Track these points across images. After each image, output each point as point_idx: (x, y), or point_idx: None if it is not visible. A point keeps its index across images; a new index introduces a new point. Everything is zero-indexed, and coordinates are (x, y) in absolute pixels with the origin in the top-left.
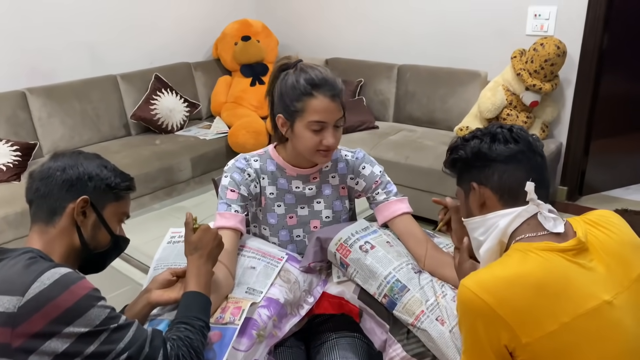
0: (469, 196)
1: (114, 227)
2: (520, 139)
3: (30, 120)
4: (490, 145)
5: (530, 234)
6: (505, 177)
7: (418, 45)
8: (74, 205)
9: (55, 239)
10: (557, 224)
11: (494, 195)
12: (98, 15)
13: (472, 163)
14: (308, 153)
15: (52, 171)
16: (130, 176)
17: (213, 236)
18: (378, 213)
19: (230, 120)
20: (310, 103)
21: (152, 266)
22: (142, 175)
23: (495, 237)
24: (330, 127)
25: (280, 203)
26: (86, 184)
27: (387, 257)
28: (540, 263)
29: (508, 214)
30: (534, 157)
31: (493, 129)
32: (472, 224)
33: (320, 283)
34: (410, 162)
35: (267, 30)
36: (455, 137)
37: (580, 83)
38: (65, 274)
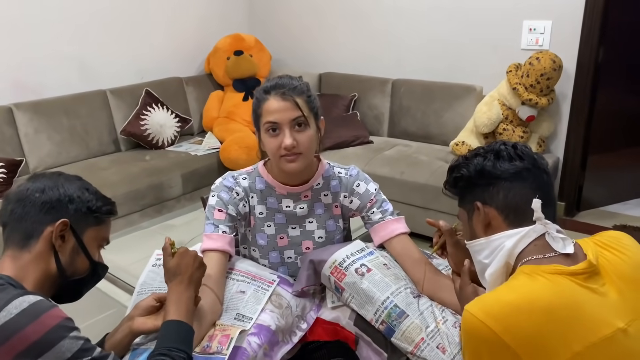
0: (472, 217)
1: (93, 252)
2: (525, 156)
3: (17, 136)
4: (494, 163)
5: (537, 255)
6: (510, 195)
7: (412, 59)
8: (52, 228)
9: (29, 265)
10: (566, 245)
11: (499, 215)
12: (87, 29)
13: (476, 182)
14: (275, 161)
15: (30, 192)
16: (111, 200)
17: (192, 259)
18: (374, 233)
19: (222, 136)
20: (264, 106)
21: (136, 291)
22: (132, 192)
23: (501, 259)
24: (287, 128)
25: (270, 223)
26: (66, 206)
27: (384, 281)
28: (549, 287)
29: (514, 235)
30: (539, 174)
31: (496, 146)
32: (476, 247)
33: (314, 308)
34: (405, 177)
35: (260, 45)
36: (456, 156)
37: (577, 97)
38: (35, 302)
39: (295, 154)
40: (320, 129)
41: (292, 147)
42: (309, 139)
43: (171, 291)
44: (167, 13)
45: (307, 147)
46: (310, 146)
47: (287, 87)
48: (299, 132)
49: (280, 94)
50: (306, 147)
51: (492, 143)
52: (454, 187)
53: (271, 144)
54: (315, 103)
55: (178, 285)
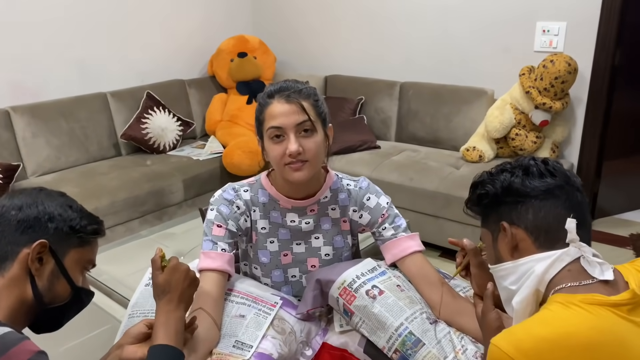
0: (497, 239)
1: (75, 277)
2: (557, 173)
3: (14, 140)
4: (523, 180)
5: (572, 282)
6: (541, 215)
7: (421, 61)
8: (29, 250)
9: (1, 291)
10: (604, 271)
11: (529, 237)
12: (87, 30)
13: (502, 199)
14: (279, 170)
15: (6, 210)
16: (99, 219)
17: (183, 275)
18: (385, 251)
19: (225, 140)
20: (267, 111)
21: (127, 313)
22: (132, 198)
23: (530, 286)
24: (292, 133)
25: (273, 239)
26: (46, 225)
27: (398, 305)
28: (589, 320)
29: (545, 258)
30: (573, 192)
31: (525, 162)
32: (501, 271)
33: (320, 332)
34: (414, 184)
35: (265, 47)
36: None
37: (592, 101)
38: (2, 335)
39: (300, 161)
40: (328, 136)
41: (297, 153)
42: (316, 146)
43: (159, 311)
44: (169, 14)
45: (314, 154)
46: (318, 154)
47: (292, 90)
48: (305, 137)
49: (284, 97)
50: (313, 155)
51: (520, 158)
52: (477, 206)
53: (274, 151)
54: (323, 108)
55: (167, 304)
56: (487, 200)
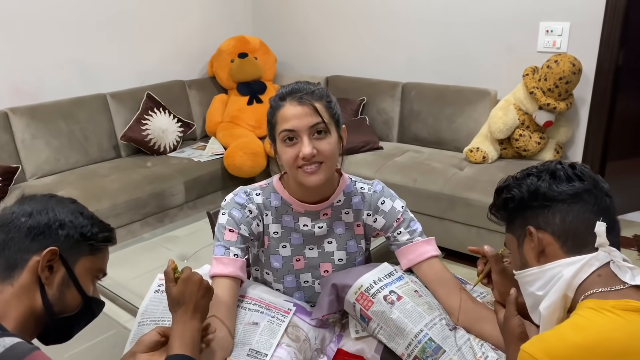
0: (523, 244)
1: (86, 286)
2: (585, 177)
3: (13, 142)
4: (550, 184)
5: (603, 288)
6: (569, 219)
7: (423, 62)
8: (39, 257)
9: (11, 300)
10: (635, 275)
11: (556, 242)
12: (87, 30)
13: (529, 204)
14: (292, 174)
15: (16, 216)
16: (109, 226)
17: (197, 285)
18: (401, 256)
19: (226, 141)
20: (280, 114)
21: (137, 320)
22: (133, 200)
23: (558, 290)
24: (305, 135)
25: (285, 244)
26: (56, 232)
27: (416, 311)
28: (623, 326)
29: (574, 263)
30: (601, 197)
31: (552, 166)
32: (527, 277)
33: (334, 339)
34: (418, 185)
35: (265, 47)
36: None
37: (596, 102)
38: (13, 345)
39: (315, 163)
40: (342, 138)
41: (311, 156)
42: (330, 148)
43: (175, 322)
44: (169, 14)
45: (328, 155)
46: (332, 156)
47: (305, 92)
48: (319, 139)
49: (297, 98)
50: (327, 156)
51: (547, 162)
52: (503, 210)
53: (287, 154)
54: (336, 109)
55: (182, 315)
56: (513, 204)
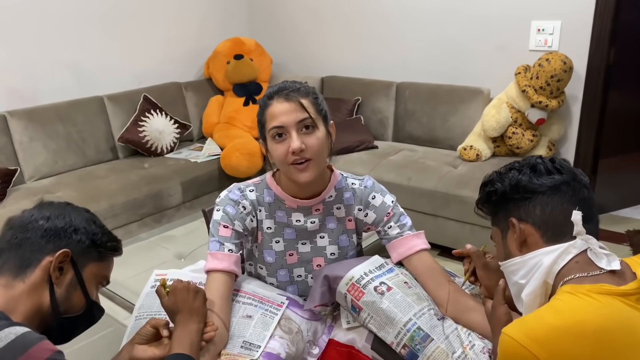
0: (506, 235)
1: (90, 290)
2: (564, 170)
3: (11, 144)
4: (530, 177)
5: (580, 273)
6: (549, 210)
7: (417, 61)
8: (52, 258)
9: (21, 296)
10: (611, 262)
11: (537, 232)
12: (83, 33)
13: (511, 196)
14: (284, 170)
15: (35, 218)
16: (117, 238)
17: (185, 292)
18: (391, 249)
19: (222, 142)
20: (268, 112)
21: (134, 315)
22: (130, 201)
23: (539, 278)
24: (293, 131)
25: (278, 239)
26: (70, 236)
27: (406, 301)
28: (598, 308)
29: (553, 251)
30: (579, 189)
31: (532, 160)
32: (511, 267)
33: (326, 331)
34: (412, 183)
35: (261, 49)
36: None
37: (587, 99)
38: (22, 334)
39: (305, 160)
40: (331, 134)
41: (300, 150)
42: (318, 142)
43: (175, 327)
44: (165, 16)
45: (316, 151)
46: (321, 151)
47: (291, 89)
48: (306, 135)
49: (283, 96)
50: (316, 152)
51: (529, 157)
52: (487, 203)
53: (278, 150)
54: (323, 105)
55: (180, 321)
56: (496, 197)
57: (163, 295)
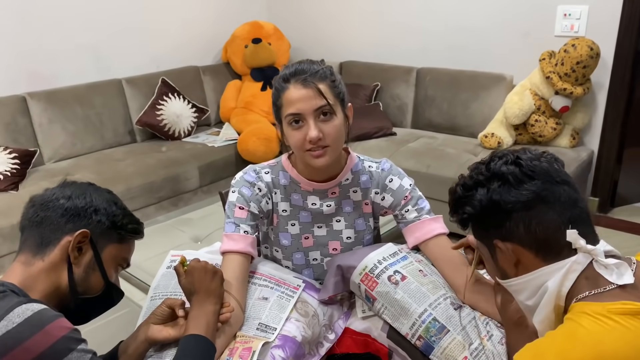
0: (495, 255)
1: (109, 272)
2: (536, 172)
3: (31, 126)
4: (501, 193)
5: (594, 290)
6: (533, 226)
7: (438, 47)
8: (71, 238)
9: (39, 274)
10: (622, 273)
11: (528, 252)
12: (102, 17)
13: (486, 218)
14: (300, 156)
15: (56, 197)
16: (139, 220)
17: (202, 273)
18: (408, 234)
19: (239, 127)
20: (285, 96)
21: (149, 295)
22: (147, 184)
23: (549, 303)
24: (310, 118)
25: (294, 222)
26: (90, 216)
27: (421, 291)
28: (624, 335)
29: (556, 271)
30: (559, 189)
31: (496, 168)
32: (512, 287)
33: (342, 317)
34: (432, 171)
35: (279, 33)
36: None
37: (614, 87)
38: (39, 310)
39: (321, 147)
40: (348, 117)
41: (317, 139)
42: (336, 130)
43: (192, 308)
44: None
45: (334, 138)
46: (338, 137)
47: (308, 73)
48: (324, 122)
49: (300, 81)
50: (333, 139)
51: (492, 161)
52: (464, 226)
53: (294, 137)
54: (341, 88)
55: (196, 301)
56: (471, 221)
57: (181, 273)
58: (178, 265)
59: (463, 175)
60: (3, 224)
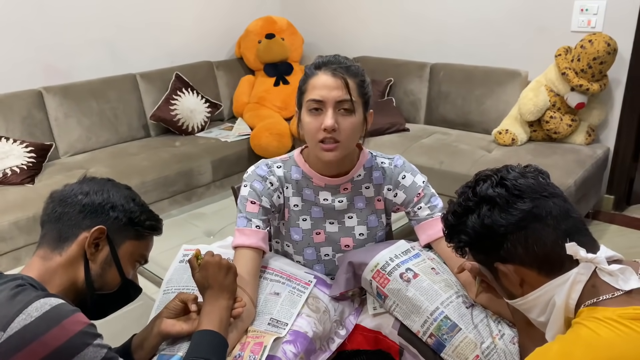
0: (498, 277)
1: (126, 269)
2: (523, 191)
3: (47, 120)
4: (492, 218)
5: (603, 296)
6: (530, 245)
7: (452, 42)
8: (87, 234)
9: (57, 269)
10: (628, 278)
11: (531, 271)
12: (117, 12)
13: (482, 244)
14: (312, 146)
15: (74, 193)
16: (157, 217)
17: (216, 268)
18: (420, 231)
19: (252, 122)
20: (311, 82)
21: (162, 289)
22: (161, 178)
23: (558, 318)
24: (330, 108)
25: (305, 217)
26: (107, 213)
27: (433, 288)
28: (635, 340)
29: (560, 285)
30: (549, 203)
31: (483, 191)
32: (521, 306)
33: (354, 313)
34: (445, 167)
35: (292, 28)
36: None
37: (631, 83)
38: (57, 305)
39: (334, 140)
40: (367, 121)
41: (332, 128)
42: (352, 127)
43: (205, 302)
44: None
45: (348, 135)
46: (352, 136)
47: (341, 65)
48: (343, 116)
49: (331, 70)
50: (347, 136)
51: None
52: (462, 254)
53: (311, 124)
54: (368, 90)
55: (210, 296)
56: (469, 248)
57: (195, 267)
58: (192, 258)
59: (452, 202)
60: (19, 216)
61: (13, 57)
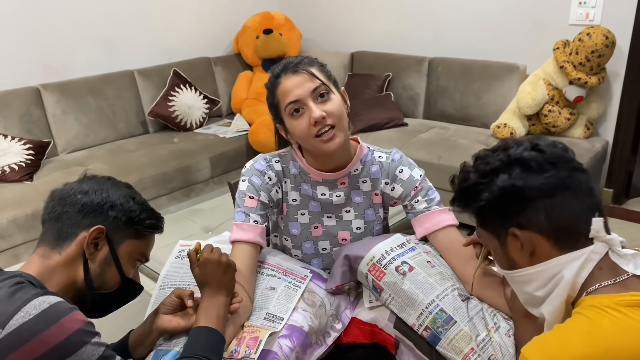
0: (505, 244)
1: (126, 268)
2: (558, 160)
3: (45, 117)
4: (525, 180)
5: (606, 281)
6: (555, 215)
7: (450, 36)
8: (86, 233)
9: (56, 268)
10: (638, 264)
11: (547, 241)
12: (114, 8)
13: (505, 205)
14: (309, 145)
15: (74, 192)
16: (159, 215)
17: (215, 266)
18: (417, 224)
19: (251, 118)
20: (279, 90)
21: (158, 285)
22: (159, 175)
23: (561, 293)
24: (310, 101)
25: (304, 211)
26: (107, 212)
27: (428, 282)
28: (632, 328)
29: (574, 260)
30: (578, 177)
31: (517, 153)
32: (520, 277)
33: (349, 306)
34: (443, 162)
35: (290, 23)
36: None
37: (630, 77)
38: (55, 303)
39: (329, 127)
40: (345, 100)
41: (321, 117)
42: (337, 107)
43: (202, 298)
44: None
45: (337, 116)
46: (341, 115)
47: (297, 61)
48: (324, 102)
49: (290, 71)
50: (337, 117)
51: (508, 148)
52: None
53: (299, 126)
54: (330, 72)
55: (207, 293)
56: (487, 210)
57: (194, 261)
58: (191, 252)
59: (468, 164)
60: (18, 213)
61: (11, 55)
